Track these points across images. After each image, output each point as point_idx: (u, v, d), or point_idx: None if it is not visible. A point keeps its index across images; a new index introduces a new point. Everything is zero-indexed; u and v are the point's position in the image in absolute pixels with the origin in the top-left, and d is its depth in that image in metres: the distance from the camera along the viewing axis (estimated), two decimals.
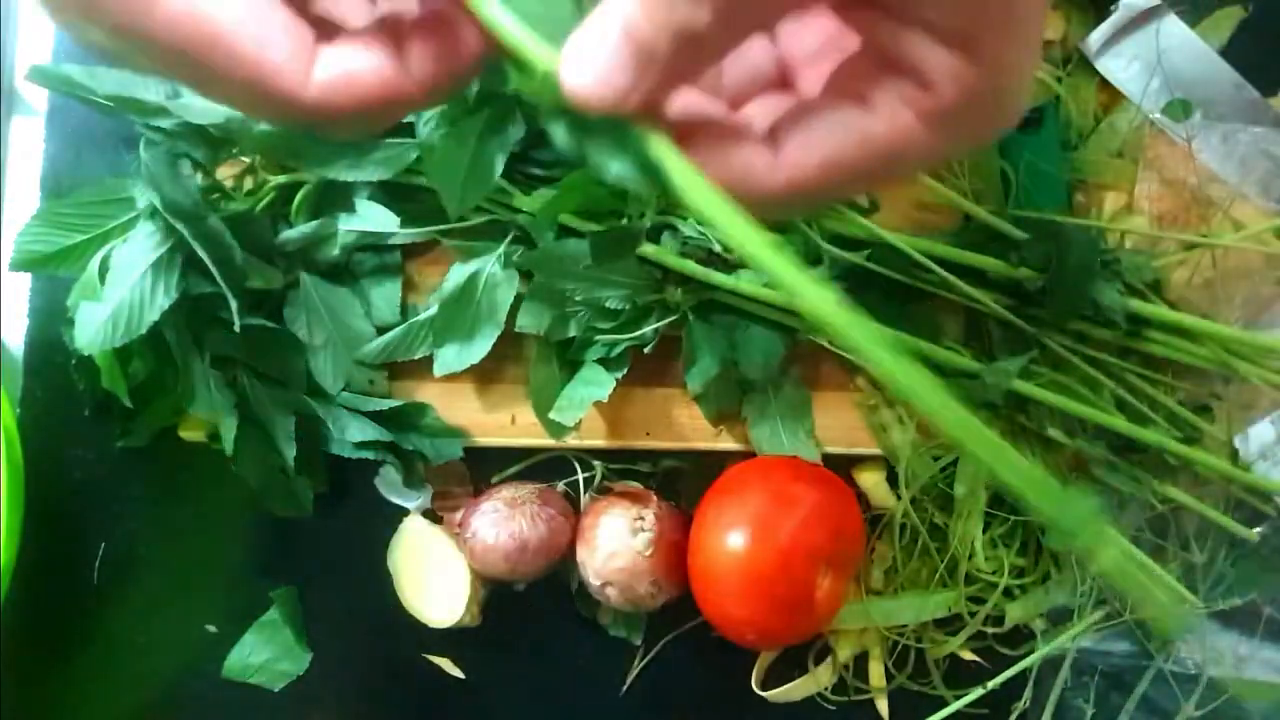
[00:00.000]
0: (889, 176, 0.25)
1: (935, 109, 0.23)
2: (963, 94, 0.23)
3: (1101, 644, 0.57)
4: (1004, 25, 0.23)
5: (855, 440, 0.55)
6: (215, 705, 0.56)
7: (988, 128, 0.25)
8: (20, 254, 0.49)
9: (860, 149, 0.24)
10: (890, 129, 0.24)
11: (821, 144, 0.24)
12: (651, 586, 0.51)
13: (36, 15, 0.57)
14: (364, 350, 0.52)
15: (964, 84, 0.23)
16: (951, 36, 0.23)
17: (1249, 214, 0.55)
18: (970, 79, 0.23)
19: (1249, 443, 0.55)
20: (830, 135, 0.24)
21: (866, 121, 0.24)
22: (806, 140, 0.24)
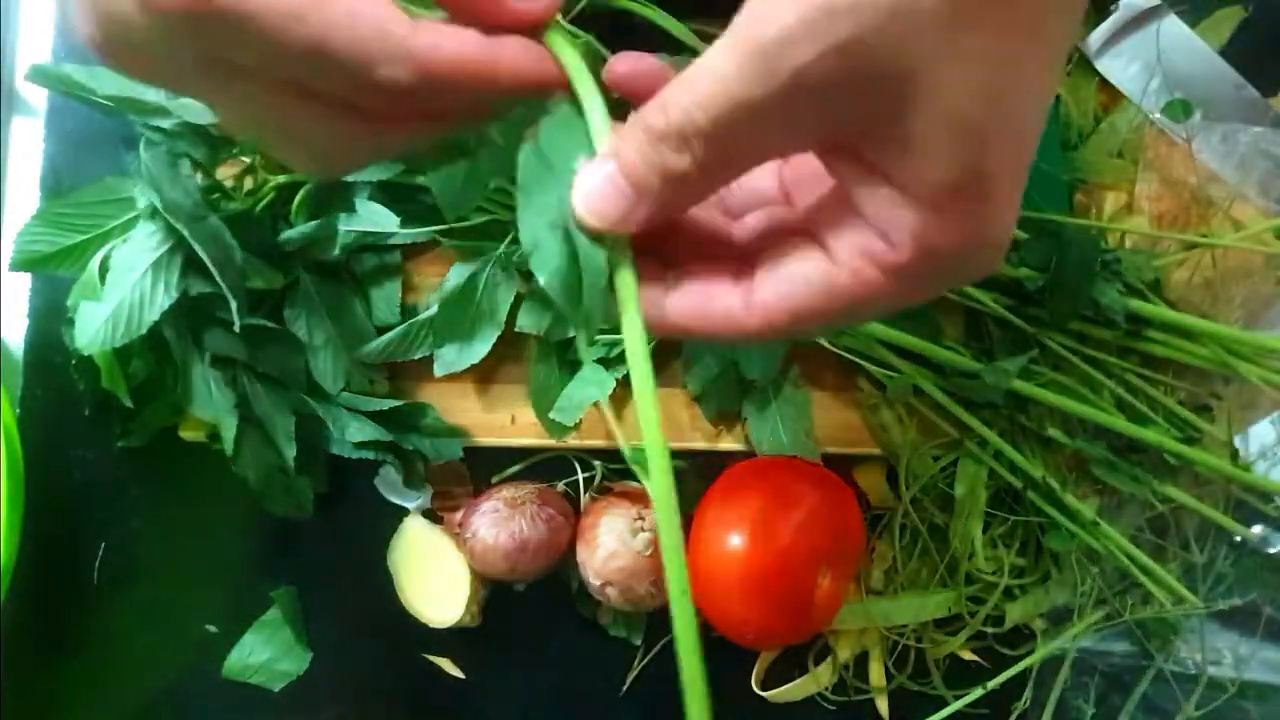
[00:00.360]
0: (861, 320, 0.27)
1: (895, 265, 0.25)
2: (924, 254, 0.24)
3: (1101, 644, 0.58)
4: (978, 196, 0.24)
5: (855, 440, 0.55)
6: (215, 705, 0.56)
7: (958, 279, 0.26)
8: (20, 254, 0.49)
9: (825, 300, 0.26)
10: (853, 282, 0.25)
11: (791, 295, 0.26)
12: (651, 586, 0.51)
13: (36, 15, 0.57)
14: (364, 350, 0.52)
15: (926, 244, 0.24)
16: (921, 199, 0.24)
17: (1249, 214, 0.56)
18: (935, 239, 0.24)
19: (1249, 443, 0.55)
20: (799, 287, 0.26)
21: (832, 274, 0.26)
22: (777, 291, 0.26)
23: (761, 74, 0.22)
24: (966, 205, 0.24)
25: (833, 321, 0.27)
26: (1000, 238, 0.25)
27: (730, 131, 0.23)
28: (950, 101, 0.22)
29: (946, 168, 0.23)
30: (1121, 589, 0.56)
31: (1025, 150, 0.25)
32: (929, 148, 0.23)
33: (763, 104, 0.23)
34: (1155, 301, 0.52)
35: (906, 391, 0.53)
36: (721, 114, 0.23)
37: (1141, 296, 0.52)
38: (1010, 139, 0.24)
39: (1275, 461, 0.55)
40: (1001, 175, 0.24)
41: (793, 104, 0.23)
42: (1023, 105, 0.24)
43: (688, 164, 0.24)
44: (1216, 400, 0.55)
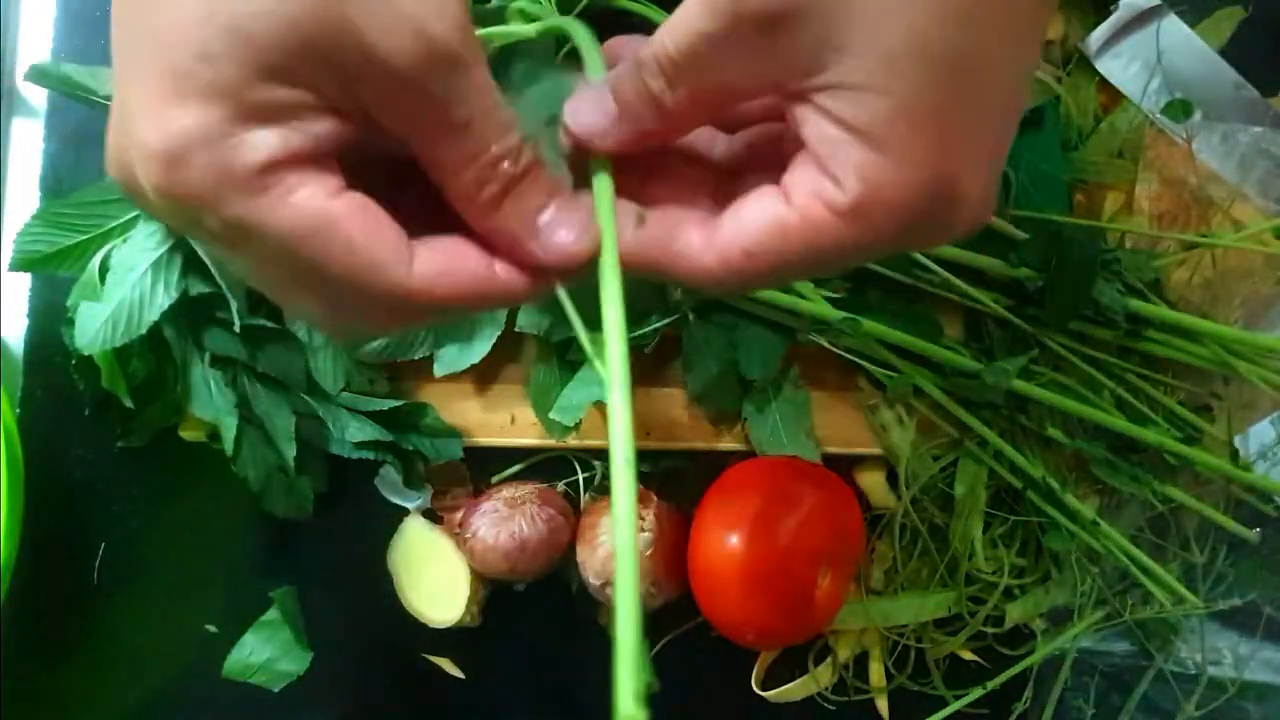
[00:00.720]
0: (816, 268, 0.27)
1: (843, 205, 0.25)
2: (872, 193, 0.24)
3: (1101, 644, 0.58)
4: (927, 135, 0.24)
5: (855, 440, 0.55)
6: (215, 705, 0.56)
7: (925, 233, 0.26)
8: (20, 254, 0.49)
9: (777, 238, 0.26)
10: (803, 222, 0.25)
11: (746, 230, 0.27)
12: (651, 586, 0.51)
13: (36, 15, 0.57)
14: (364, 350, 0.52)
15: (873, 184, 0.24)
16: (864, 136, 0.24)
17: (1249, 214, 0.56)
18: (881, 178, 0.24)
19: (1249, 443, 0.55)
20: (753, 222, 0.26)
21: (784, 213, 0.26)
22: (735, 228, 0.27)
23: (711, 8, 0.24)
24: (913, 144, 0.24)
25: (792, 265, 0.26)
26: (965, 188, 0.25)
27: (693, 62, 0.25)
28: (884, 33, 0.23)
29: (883, 101, 0.24)
30: (1121, 589, 0.56)
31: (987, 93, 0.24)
32: (865, 80, 0.24)
33: (716, 35, 0.25)
34: (1155, 301, 0.52)
35: (906, 391, 0.53)
36: (685, 44, 0.25)
37: (1141, 296, 0.52)
38: (961, 77, 0.24)
39: (1275, 461, 0.55)
40: (951, 114, 0.24)
41: (739, 37, 0.24)
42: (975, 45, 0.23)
43: (661, 87, 0.26)
44: (1216, 400, 0.55)
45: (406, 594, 0.55)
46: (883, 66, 0.23)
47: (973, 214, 0.26)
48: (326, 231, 0.25)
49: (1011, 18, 0.24)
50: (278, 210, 0.24)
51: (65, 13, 0.56)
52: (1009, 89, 0.25)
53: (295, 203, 0.24)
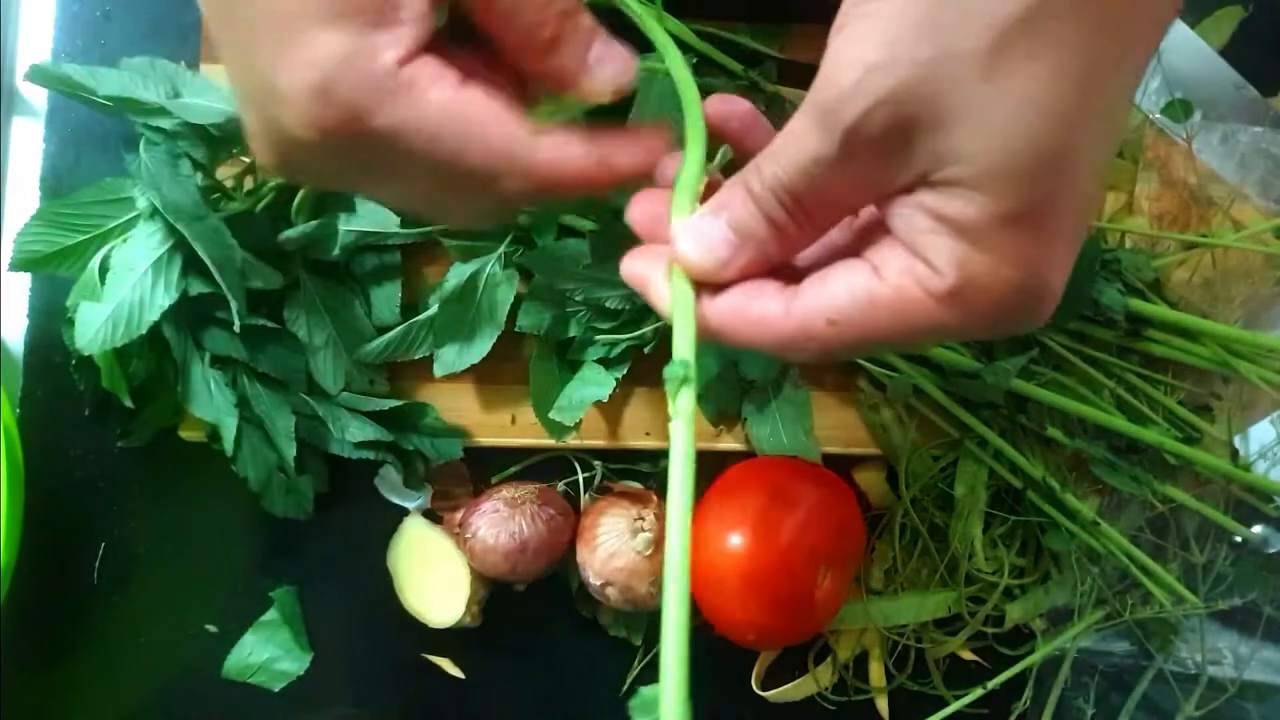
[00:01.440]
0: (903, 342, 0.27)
1: (939, 289, 0.25)
2: (968, 283, 0.25)
3: (1101, 644, 0.58)
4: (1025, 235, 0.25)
5: (855, 440, 0.55)
6: (215, 705, 0.56)
7: (1012, 321, 0.26)
8: (20, 254, 0.49)
9: (865, 309, 0.26)
10: (895, 295, 0.26)
11: (831, 298, 0.27)
12: (651, 586, 0.51)
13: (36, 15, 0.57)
14: (364, 350, 0.52)
15: (970, 273, 0.25)
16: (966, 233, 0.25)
17: (1249, 214, 0.55)
18: (979, 270, 0.25)
19: (1249, 443, 0.55)
20: (839, 292, 0.27)
21: (875, 286, 0.26)
22: (818, 296, 0.27)
23: (825, 131, 0.25)
24: (1013, 245, 0.25)
25: (875, 338, 0.27)
26: (1053, 283, 0.26)
27: (809, 187, 0.26)
28: (989, 144, 0.24)
29: (987, 202, 0.24)
30: (1121, 589, 0.56)
31: (1077, 193, 0.25)
32: (970, 180, 0.24)
33: (830, 158, 0.25)
34: (1155, 301, 0.52)
35: (906, 391, 0.53)
36: (800, 170, 0.26)
37: (1141, 296, 0.52)
38: (1057, 180, 0.24)
39: (1275, 461, 0.55)
40: (1049, 216, 0.25)
41: (855, 156, 0.25)
42: (1072, 147, 0.24)
43: (782, 216, 0.27)
44: (1216, 400, 0.55)
45: (406, 594, 0.55)
46: (990, 172, 0.24)
47: (1054, 304, 0.26)
48: (466, 120, 0.27)
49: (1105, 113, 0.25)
50: (422, 106, 0.26)
51: (65, 13, 0.56)
52: (1096, 180, 0.26)
53: (434, 97, 0.27)
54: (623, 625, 0.56)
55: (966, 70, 0.23)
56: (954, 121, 0.24)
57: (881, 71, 0.24)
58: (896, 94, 0.24)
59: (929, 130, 0.24)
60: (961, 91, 0.23)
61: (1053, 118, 0.23)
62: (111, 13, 0.56)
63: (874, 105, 0.24)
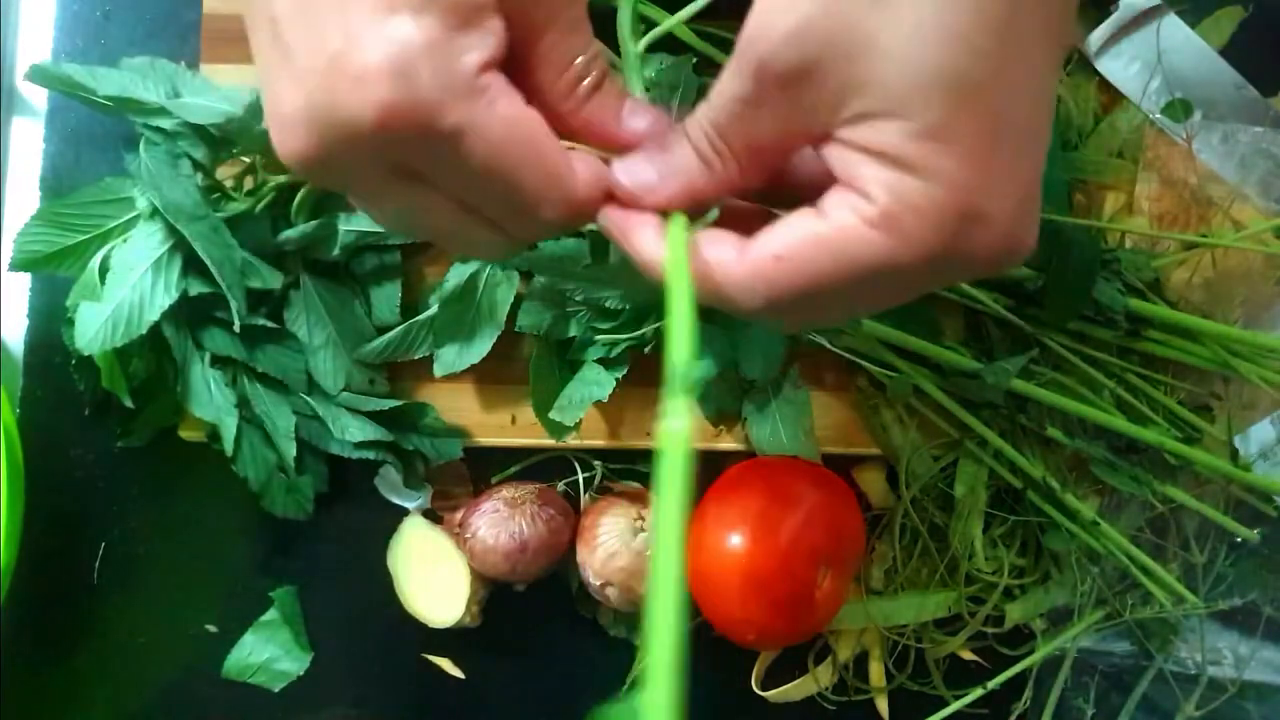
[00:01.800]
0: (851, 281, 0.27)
1: (874, 215, 0.26)
2: (902, 206, 0.26)
3: (1101, 644, 0.57)
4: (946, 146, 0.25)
5: (855, 440, 0.55)
6: (215, 705, 0.56)
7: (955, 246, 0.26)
8: (20, 254, 0.49)
9: (809, 245, 0.27)
10: (833, 229, 0.27)
11: (778, 237, 0.28)
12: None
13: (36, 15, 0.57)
14: (364, 350, 0.52)
15: (902, 196, 0.26)
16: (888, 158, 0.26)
17: (1249, 214, 0.55)
18: (902, 188, 0.26)
19: (1249, 443, 0.55)
20: (786, 231, 0.28)
21: (816, 222, 0.27)
22: (768, 235, 0.28)
23: (741, 71, 0.27)
24: (935, 163, 0.25)
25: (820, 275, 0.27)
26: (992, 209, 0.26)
27: (731, 124, 0.28)
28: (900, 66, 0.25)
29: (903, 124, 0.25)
30: (1121, 589, 0.56)
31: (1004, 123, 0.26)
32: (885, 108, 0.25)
33: (747, 95, 0.27)
34: (1155, 301, 0.52)
35: (906, 391, 0.53)
36: (722, 109, 0.28)
37: (1141, 296, 0.52)
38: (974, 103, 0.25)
39: (1275, 461, 0.55)
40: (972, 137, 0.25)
41: (767, 92, 0.27)
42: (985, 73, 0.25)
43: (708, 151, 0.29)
44: (1216, 400, 0.55)
45: (406, 594, 0.55)
46: (900, 96, 0.25)
47: (1003, 236, 0.27)
48: (528, 138, 0.27)
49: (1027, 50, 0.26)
50: (492, 114, 0.26)
51: (65, 13, 0.56)
52: (1029, 117, 0.27)
53: (503, 109, 0.27)
54: (623, 625, 0.56)
55: (865, 4, 0.25)
56: (856, 52, 0.25)
57: (784, 11, 0.25)
58: (799, 30, 0.25)
59: (834, 63, 0.25)
60: (859, 22, 0.25)
61: (951, 39, 0.24)
62: (111, 13, 0.56)
63: (779, 43, 0.26)
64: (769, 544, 0.48)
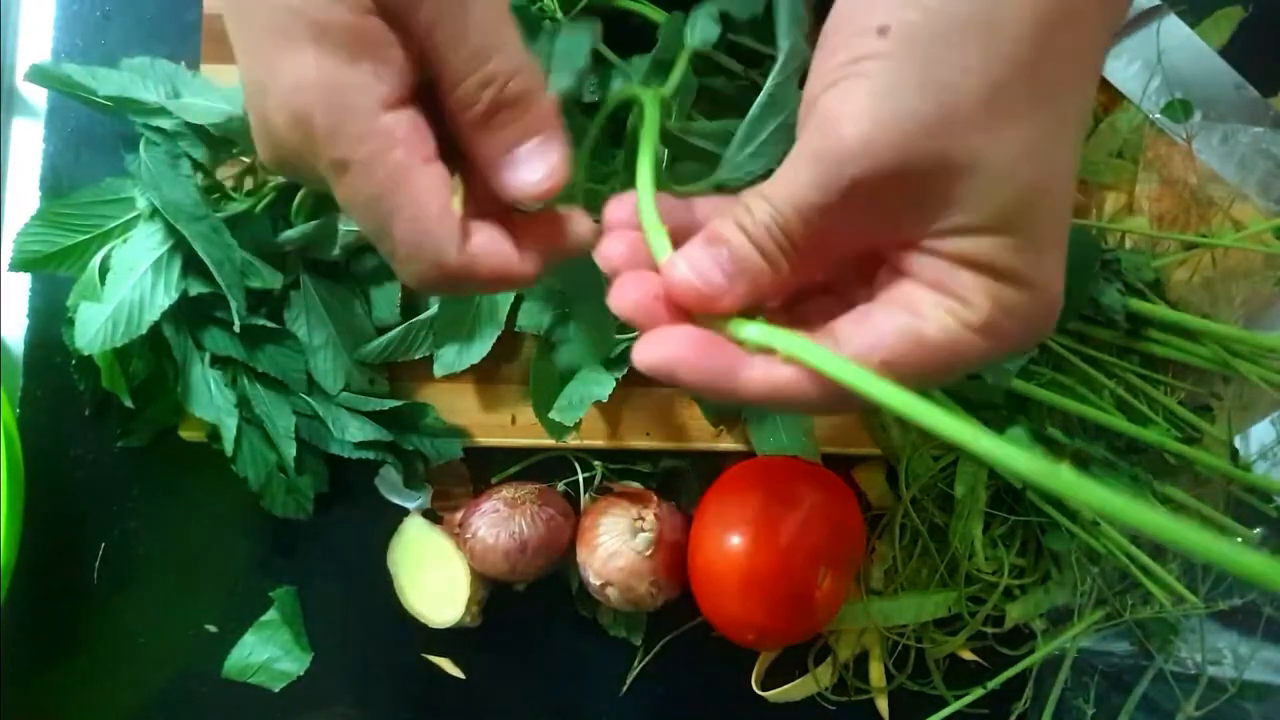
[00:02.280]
0: (949, 375, 0.28)
1: (977, 322, 0.27)
2: (999, 309, 0.27)
3: (1101, 644, 0.57)
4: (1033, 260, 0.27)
5: (855, 440, 0.55)
6: (215, 705, 0.56)
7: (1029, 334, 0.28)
8: (20, 254, 0.49)
9: (917, 349, 0.27)
10: (942, 333, 0.27)
11: (882, 342, 0.27)
12: (651, 586, 0.51)
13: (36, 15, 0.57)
14: (364, 350, 0.52)
15: (999, 302, 0.27)
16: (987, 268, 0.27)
17: (1249, 214, 0.55)
18: (1003, 297, 0.27)
19: (1249, 443, 0.55)
20: (889, 335, 0.27)
21: (920, 325, 0.27)
22: (868, 339, 0.27)
23: (826, 182, 0.26)
24: (1027, 269, 0.27)
25: (925, 373, 0.27)
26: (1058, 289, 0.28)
27: (804, 229, 0.27)
28: (996, 190, 0.26)
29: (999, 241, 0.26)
30: (1121, 589, 0.56)
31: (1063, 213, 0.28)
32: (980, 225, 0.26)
33: (828, 206, 0.26)
34: (1155, 301, 0.52)
35: None
36: (796, 214, 0.27)
37: (1141, 296, 0.52)
38: (1048, 205, 0.27)
39: (1275, 461, 0.55)
40: (1046, 236, 0.27)
41: (855, 207, 0.26)
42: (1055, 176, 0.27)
43: (775, 252, 0.28)
44: (1216, 400, 0.55)
45: (406, 594, 0.55)
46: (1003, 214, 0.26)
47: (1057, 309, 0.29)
48: (408, 194, 0.28)
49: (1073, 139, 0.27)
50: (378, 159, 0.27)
51: (65, 13, 0.56)
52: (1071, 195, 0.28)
53: (392, 157, 0.27)
54: (623, 625, 0.56)
55: (967, 126, 0.25)
56: (961, 173, 0.25)
57: (887, 128, 0.25)
58: (903, 151, 0.25)
59: (934, 181, 0.26)
60: (965, 145, 0.25)
61: (1041, 157, 0.26)
62: (111, 13, 0.56)
63: (880, 161, 0.25)
64: (769, 544, 0.48)
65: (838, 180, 0.26)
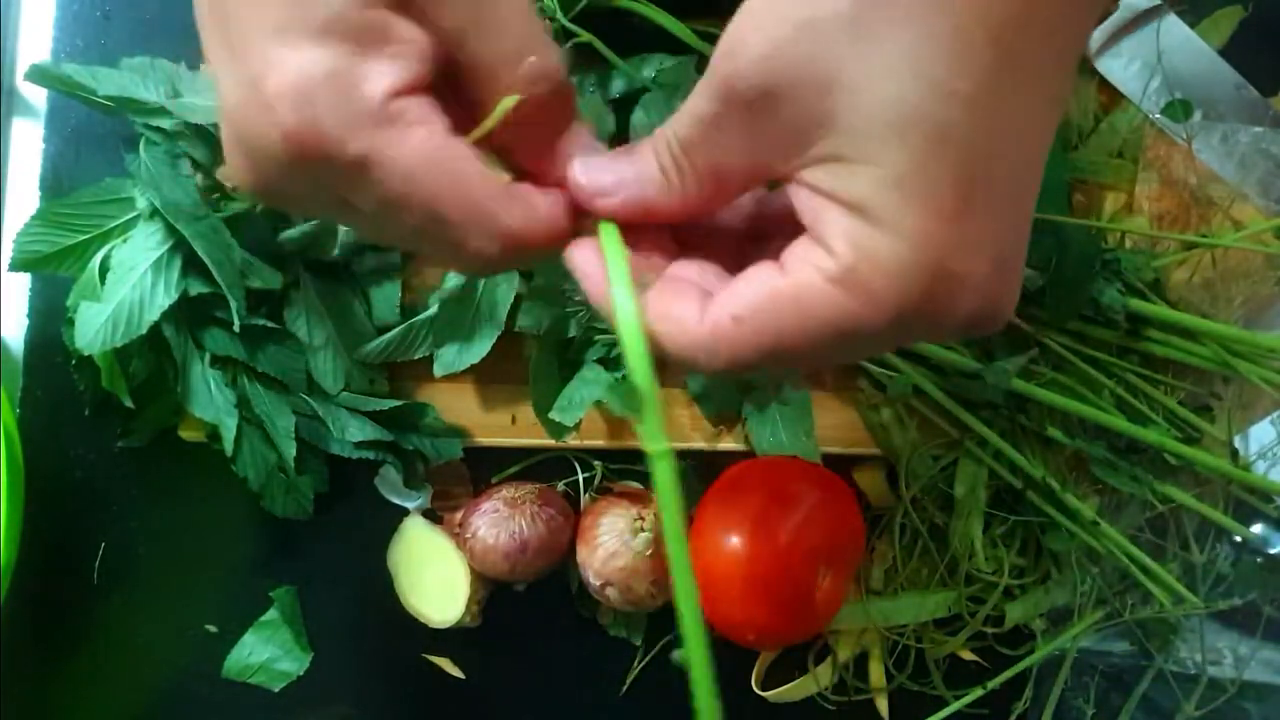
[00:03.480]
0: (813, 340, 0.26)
1: (833, 269, 0.24)
2: (859, 256, 0.24)
3: (1101, 644, 0.58)
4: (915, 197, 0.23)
5: (855, 440, 0.55)
6: (215, 705, 0.56)
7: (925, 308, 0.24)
8: (20, 254, 0.49)
9: (768, 302, 0.26)
10: (793, 284, 0.25)
11: (737, 295, 0.26)
12: (651, 586, 0.51)
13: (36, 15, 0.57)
14: (364, 350, 0.52)
15: (864, 250, 0.24)
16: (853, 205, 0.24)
17: (1249, 214, 0.56)
18: (866, 242, 0.24)
19: (1249, 443, 0.55)
20: (744, 288, 0.26)
21: (775, 277, 0.26)
22: (728, 293, 0.27)
23: (707, 89, 0.26)
24: (903, 214, 0.23)
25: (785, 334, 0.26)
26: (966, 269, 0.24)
27: (694, 143, 0.27)
28: (868, 106, 0.23)
29: (868, 171, 0.24)
30: (1121, 589, 0.56)
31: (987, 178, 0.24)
32: (851, 152, 0.24)
33: (712, 115, 0.26)
34: (1155, 301, 0.52)
35: (906, 391, 0.53)
36: (687, 126, 0.27)
37: (1141, 296, 0.52)
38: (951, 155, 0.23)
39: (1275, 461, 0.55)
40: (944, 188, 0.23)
41: (733, 112, 0.25)
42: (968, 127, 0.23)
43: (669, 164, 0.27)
44: (1216, 400, 0.55)
45: (406, 594, 0.55)
46: (867, 139, 0.23)
47: (977, 299, 0.25)
48: (446, 169, 0.26)
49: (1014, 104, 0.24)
50: (402, 144, 0.25)
51: (65, 13, 0.56)
52: (1012, 176, 0.25)
53: (417, 138, 0.26)
54: (623, 625, 0.56)
55: (835, 30, 0.23)
56: (825, 84, 0.24)
57: (758, 31, 0.24)
58: (768, 53, 0.24)
59: (802, 95, 0.24)
60: (832, 52, 0.23)
61: (928, 80, 0.23)
62: (111, 13, 0.56)
63: (749, 62, 0.24)
64: (769, 544, 0.48)
65: (715, 86, 0.25)
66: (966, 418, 0.53)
